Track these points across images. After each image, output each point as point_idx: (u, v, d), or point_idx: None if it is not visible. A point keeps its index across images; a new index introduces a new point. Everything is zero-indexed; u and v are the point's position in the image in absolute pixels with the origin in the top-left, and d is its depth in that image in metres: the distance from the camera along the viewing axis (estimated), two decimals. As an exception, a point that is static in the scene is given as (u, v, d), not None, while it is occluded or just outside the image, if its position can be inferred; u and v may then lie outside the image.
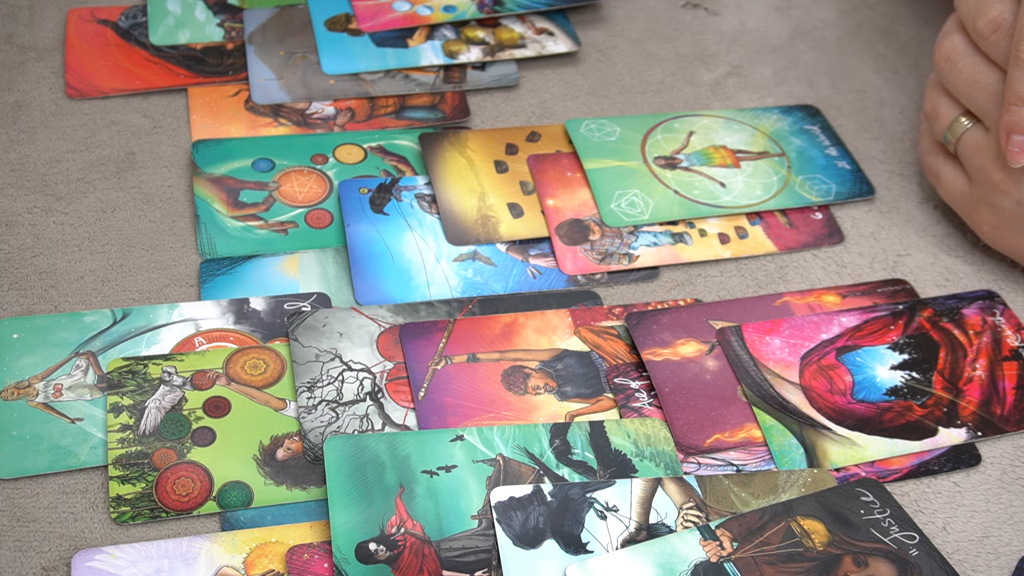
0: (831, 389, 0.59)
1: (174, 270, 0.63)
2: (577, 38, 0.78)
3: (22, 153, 0.69)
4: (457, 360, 0.59)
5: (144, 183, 0.68)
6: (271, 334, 0.60)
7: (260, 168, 0.68)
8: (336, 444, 0.54)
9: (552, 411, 0.58)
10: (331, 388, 0.57)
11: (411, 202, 0.67)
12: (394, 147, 0.71)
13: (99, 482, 0.54)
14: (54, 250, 0.64)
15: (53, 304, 0.61)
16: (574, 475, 0.55)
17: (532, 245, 0.66)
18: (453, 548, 0.51)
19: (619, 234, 0.66)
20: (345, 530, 0.51)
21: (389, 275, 0.63)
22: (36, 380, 0.57)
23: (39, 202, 0.66)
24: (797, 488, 0.54)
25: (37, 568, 0.51)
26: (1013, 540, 0.54)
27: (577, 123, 0.72)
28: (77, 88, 0.72)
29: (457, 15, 0.77)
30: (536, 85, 0.76)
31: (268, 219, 0.66)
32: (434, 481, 0.53)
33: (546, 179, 0.69)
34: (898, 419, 0.58)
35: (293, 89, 0.73)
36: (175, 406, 0.56)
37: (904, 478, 0.56)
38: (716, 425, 0.57)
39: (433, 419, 0.57)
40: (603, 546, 0.51)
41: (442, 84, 0.74)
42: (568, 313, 0.62)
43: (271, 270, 0.63)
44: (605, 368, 0.60)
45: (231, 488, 0.54)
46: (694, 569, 0.50)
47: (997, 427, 0.58)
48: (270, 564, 0.51)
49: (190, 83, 0.73)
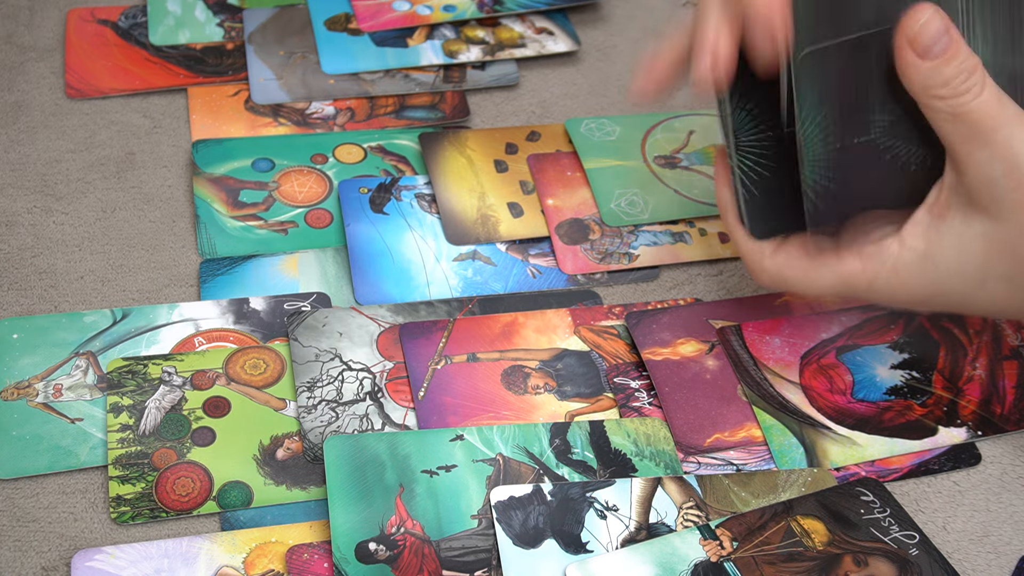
0: (831, 388, 0.59)
1: (174, 270, 0.63)
2: (577, 38, 0.78)
3: (22, 153, 0.69)
4: (457, 360, 0.59)
5: (144, 183, 0.68)
6: (271, 334, 0.60)
7: (260, 168, 0.68)
8: (336, 444, 0.54)
9: (552, 411, 0.58)
10: (331, 388, 0.57)
11: (411, 202, 0.67)
12: (394, 147, 0.71)
13: (99, 482, 0.54)
14: (54, 250, 0.64)
15: (53, 304, 0.61)
16: (574, 475, 0.55)
17: (532, 245, 0.66)
18: (453, 548, 0.51)
19: (619, 233, 0.66)
20: (345, 530, 0.51)
21: (389, 275, 0.63)
22: (36, 380, 0.57)
23: (39, 202, 0.66)
24: (797, 487, 0.54)
25: (37, 568, 0.51)
26: (1013, 539, 0.54)
27: (577, 123, 0.72)
28: (77, 88, 0.72)
29: (457, 15, 0.77)
30: (536, 85, 0.76)
31: (268, 219, 0.66)
32: (434, 481, 0.53)
33: (546, 178, 0.69)
34: (898, 418, 0.58)
35: (293, 89, 0.73)
36: (175, 406, 0.56)
37: (904, 477, 0.56)
38: (716, 425, 0.57)
39: (433, 419, 0.57)
40: (603, 546, 0.51)
41: (442, 84, 0.74)
42: (568, 313, 0.62)
43: (271, 270, 0.63)
44: (605, 368, 0.60)
45: (231, 488, 0.54)
46: (694, 568, 0.50)
47: (997, 426, 0.58)
48: (270, 564, 0.51)
49: (190, 83, 0.73)
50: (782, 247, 0.54)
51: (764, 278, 0.54)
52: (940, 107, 0.48)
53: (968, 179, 0.48)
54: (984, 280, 0.49)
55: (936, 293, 0.51)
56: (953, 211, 0.49)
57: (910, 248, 0.50)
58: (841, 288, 0.53)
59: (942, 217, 0.50)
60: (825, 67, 0.49)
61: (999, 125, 0.47)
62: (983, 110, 0.47)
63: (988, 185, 0.48)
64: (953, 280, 0.50)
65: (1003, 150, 0.47)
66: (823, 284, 0.53)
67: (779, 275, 0.54)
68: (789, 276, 0.53)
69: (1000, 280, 0.49)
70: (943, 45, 0.47)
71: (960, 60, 0.47)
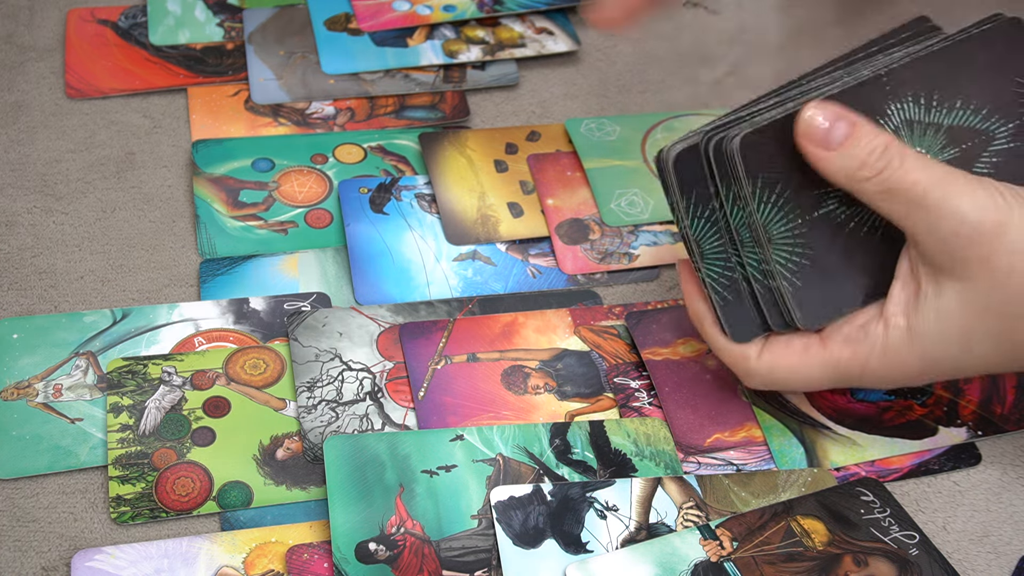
0: (831, 388, 0.59)
1: (174, 270, 0.63)
2: (577, 37, 0.78)
3: (22, 153, 0.69)
4: (457, 360, 0.59)
5: (144, 183, 0.68)
6: (271, 334, 0.60)
7: (260, 168, 0.68)
8: (336, 444, 0.54)
9: (552, 411, 0.58)
10: (331, 388, 0.57)
11: (411, 202, 0.67)
12: (394, 147, 0.71)
13: (99, 482, 0.54)
14: (54, 250, 0.64)
15: (53, 304, 0.61)
16: (574, 475, 0.55)
17: (532, 244, 0.66)
18: (453, 548, 0.51)
19: (619, 233, 0.66)
20: (345, 530, 0.51)
21: (389, 275, 0.63)
22: (36, 380, 0.57)
23: (39, 202, 0.66)
24: (797, 487, 0.54)
25: (37, 568, 0.51)
26: (1013, 539, 0.54)
27: (577, 123, 0.72)
28: (77, 88, 0.72)
29: (457, 14, 0.77)
30: (536, 85, 0.76)
31: (268, 219, 0.66)
32: (434, 481, 0.53)
33: (546, 178, 0.69)
34: (898, 418, 0.58)
35: (293, 89, 0.73)
36: (175, 406, 0.56)
37: (904, 477, 0.56)
38: (716, 424, 0.57)
39: (433, 419, 0.57)
40: (603, 546, 0.51)
41: (442, 84, 0.74)
42: (568, 313, 0.62)
43: (271, 270, 0.63)
44: (605, 368, 0.60)
45: (231, 488, 0.54)
46: (694, 569, 0.50)
47: (997, 426, 0.58)
48: (270, 564, 0.51)
49: (190, 83, 0.73)
50: (767, 347, 0.53)
51: (755, 381, 0.54)
52: (868, 188, 0.48)
53: (923, 248, 0.49)
54: (969, 343, 0.49)
55: (928, 365, 0.51)
56: (924, 282, 0.49)
57: (894, 327, 0.50)
58: (834, 376, 0.52)
59: (916, 290, 0.50)
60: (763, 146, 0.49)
61: (929, 189, 0.47)
62: (909, 178, 0.48)
63: (942, 249, 0.48)
64: (941, 349, 0.50)
65: (941, 211, 0.47)
66: (814, 377, 0.53)
67: (769, 376, 0.53)
68: (779, 375, 0.53)
69: (984, 339, 0.49)
70: (842, 131, 0.48)
71: (867, 139, 0.48)
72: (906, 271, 0.50)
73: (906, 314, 0.50)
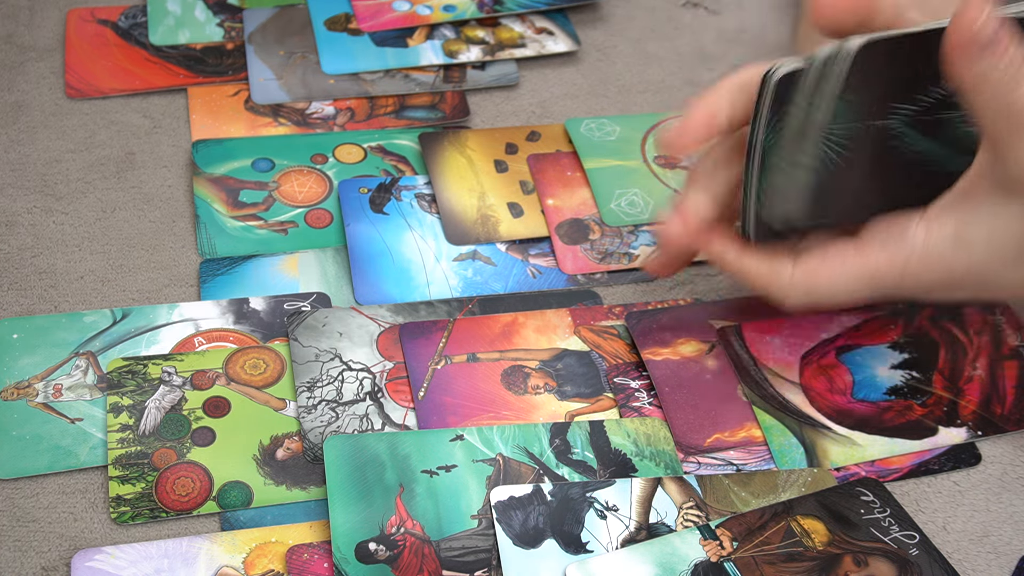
0: (831, 388, 0.59)
1: (174, 270, 0.63)
2: (577, 37, 0.78)
3: (22, 153, 0.69)
4: (457, 360, 0.59)
5: (144, 183, 0.68)
6: (271, 334, 0.60)
7: (260, 168, 0.68)
8: (336, 444, 0.54)
9: (552, 411, 0.58)
10: (331, 388, 0.57)
11: (411, 202, 0.67)
12: (394, 147, 0.71)
13: (99, 482, 0.54)
14: (54, 250, 0.64)
15: (53, 304, 0.61)
16: (574, 475, 0.55)
17: (532, 245, 0.66)
18: (453, 548, 0.51)
19: (619, 233, 0.66)
20: (345, 530, 0.51)
21: (389, 275, 0.63)
22: (36, 380, 0.57)
23: (39, 202, 0.66)
24: (797, 487, 0.54)
25: (37, 568, 0.51)
26: (1013, 539, 0.54)
27: (577, 123, 0.72)
28: (77, 88, 0.72)
29: (457, 15, 0.77)
30: (536, 85, 0.76)
31: (268, 219, 0.66)
32: (434, 481, 0.53)
33: (546, 178, 0.69)
34: (898, 418, 0.58)
35: (293, 89, 0.73)
36: (175, 406, 0.56)
37: (904, 477, 0.56)
38: (716, 425, 0.57)
39: (433, 419, 0.57)
40: (603, 546, 0.51)
41: (442, 84, 0.74)
42: (568, 313, 0.62)
43: (271, 270, 0.63)
44: (605, 368, 0.60)
45: (231, 488, 0.54)
46: (694, 569, 0.50)
47: (997, 426, 0.58)
48: (270, 564, 0.51)
49: (190, 83, 0.73)
50: (800, 263, 0.53)
51: (793, 299, 0.53)
52: (989, 100, 0.48)
53: (1009, 166, 0.48)
54: (1020, 258, 0.49)
55: (968, 275, 0.50)
56: (985, 194, 0.49)
57: (939, 231, 0.50)
58: (870, 284, 0.52)
59: (974, 199, 0.50)
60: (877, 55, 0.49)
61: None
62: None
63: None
64: (988, 260, 0.50)
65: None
66: (851, 286, 0.52)
67: (808, 292, 0.53)
68: (819, 288, 0.53)
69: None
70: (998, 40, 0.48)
71: (1012, 52, 0.48)
72: (966, 182, 0.50)
73: (956, 220, 0.50)
